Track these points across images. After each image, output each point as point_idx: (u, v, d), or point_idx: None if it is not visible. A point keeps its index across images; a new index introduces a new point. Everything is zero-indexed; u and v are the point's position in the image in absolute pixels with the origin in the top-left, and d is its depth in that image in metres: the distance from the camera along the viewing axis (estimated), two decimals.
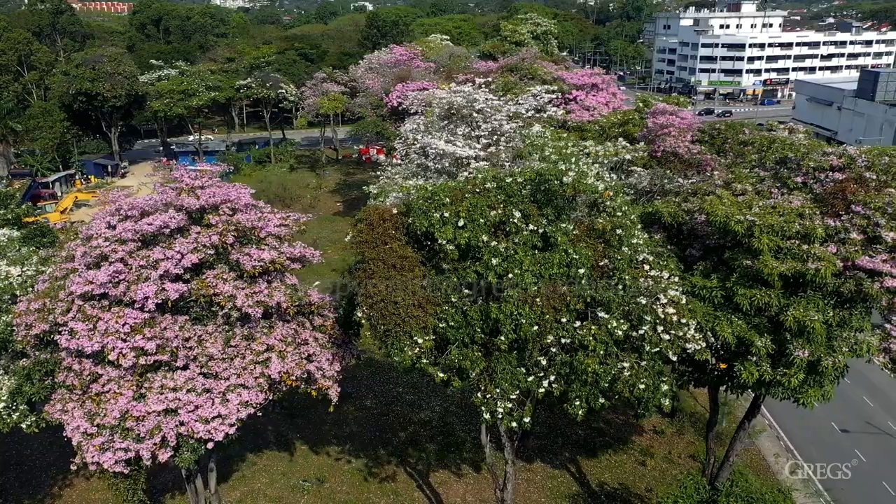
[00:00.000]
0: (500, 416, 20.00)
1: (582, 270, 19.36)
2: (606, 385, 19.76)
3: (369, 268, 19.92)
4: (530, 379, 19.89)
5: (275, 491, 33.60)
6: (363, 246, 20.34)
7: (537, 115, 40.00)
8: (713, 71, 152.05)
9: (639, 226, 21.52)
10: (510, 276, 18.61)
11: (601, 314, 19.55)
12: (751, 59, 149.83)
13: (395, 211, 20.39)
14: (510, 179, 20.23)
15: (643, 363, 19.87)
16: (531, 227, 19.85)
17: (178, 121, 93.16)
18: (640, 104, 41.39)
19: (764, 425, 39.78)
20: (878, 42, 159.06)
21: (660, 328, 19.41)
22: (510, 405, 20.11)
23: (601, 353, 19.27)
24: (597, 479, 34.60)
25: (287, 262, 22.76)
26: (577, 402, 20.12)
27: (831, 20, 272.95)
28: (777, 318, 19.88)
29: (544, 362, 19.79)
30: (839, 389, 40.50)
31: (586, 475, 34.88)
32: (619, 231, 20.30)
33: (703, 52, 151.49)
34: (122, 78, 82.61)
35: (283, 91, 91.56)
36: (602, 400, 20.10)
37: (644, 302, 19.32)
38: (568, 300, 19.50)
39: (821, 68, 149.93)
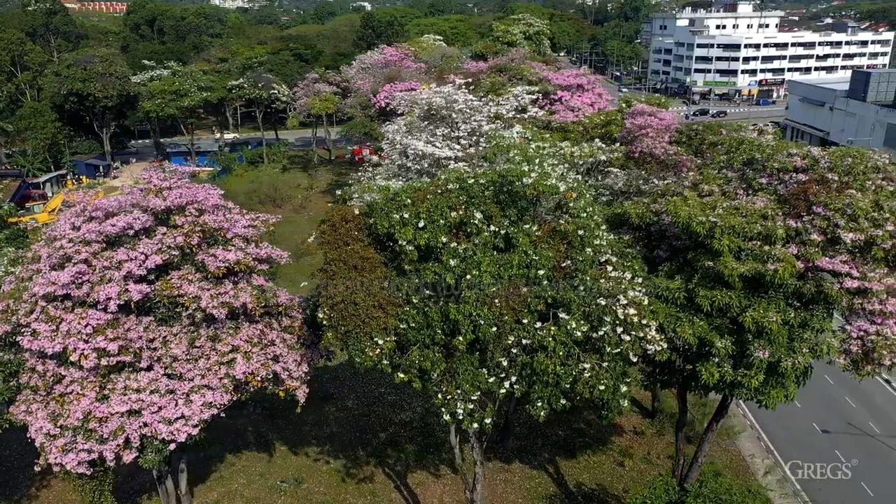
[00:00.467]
0: (460, 417, 20.01)
1: (542, 272, 19.39)
2: (568, 386, 19.80)
3: (331, 269, 19.96)
4: (491, 380, 19.92)
5: (252, 492, 33.62)
6: (326, 247, 20.39)
7: (518, 116, 40.02)
8: (708, 71, 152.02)
9: (603, 227, 21.54)
10: (468, 277, 18.64)
11: (562, 315, 19.57)
12: (746, 60, 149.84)
13: (357, 212, 20.42)
14: (472, 181, 20.26)
15: (605, 364, 19.89)
16: (492, 228, 19.90)
17: (173, 121, 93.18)
18: (623, 105, 41.39)
19: (745, 425, 39.83)
20: (873, 42, 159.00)
21: (620, 329, 19.41)
22: (471, 406, 20.13)
23: (561, 354, 19.28)
24: (575, 479, 34.61)
25: (254, 263, 22.76)
26: (539, 404, 20.14)
27: (829, 20, 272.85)
28: (738, 319, 19.90)
29: (505, 363, 19.81)
30: (822, 390, 41.06)
31: (564, 476, 34.90)
32: (580, 232, 20.33)
33: (698, 52, 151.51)
34: (114, 78, 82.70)
35: (276, 91, 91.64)
36: (563, 401, 20.12)
37: (604, 303, 19.33)
38: (528, 301, 19.55)
39: (816, 69, 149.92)
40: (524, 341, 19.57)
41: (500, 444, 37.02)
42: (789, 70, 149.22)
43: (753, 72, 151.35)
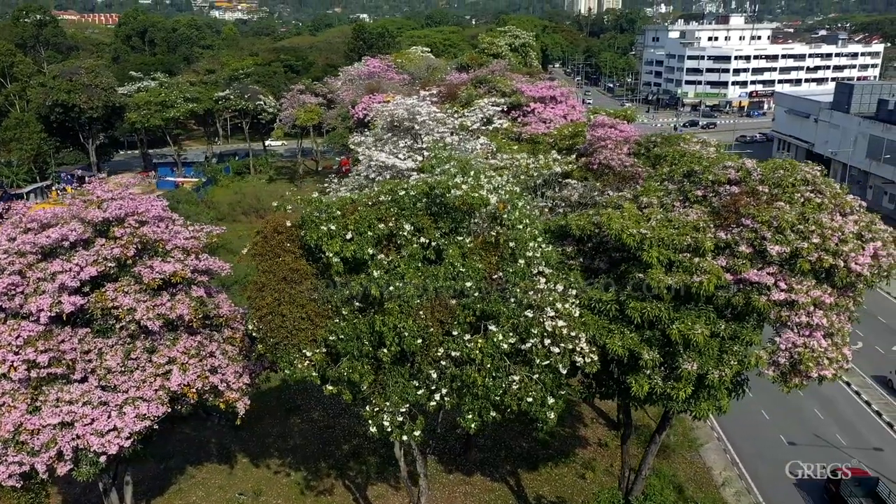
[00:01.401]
0: (388, 429, 19.98)
1: (469, 283, 19.41)
2: (498, 398, 19.79)
3: (260, 280, 20.00)
4: (420, 392, 19.89)
5: None
6: (257, 258, 20.45)
7: (484, 128, 40.21)
8: (699, 83, 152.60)
9: (539, 238, 21.54)
10: (391, 288, 18.66)
11: (491, 327, 19.59)
12: (736, 72, 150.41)
13: (288, 223, 20.48)
14: (403, 192, 20.33)
15: (535, 376, 19.88)
16: (423, 240, 19.94)
17: (163, 132, 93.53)
18: (591, 116, 41.59)
19: (711, 437, 39.75)
20: (863, 54, 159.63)
21: (548, 341, 19.42)
22: (400, 419, 20.10)
23: (489, 366, 19.27)
24: (535, 492, 34.48)
25: (193, 274, 22.79)
26: (469, 416, 20.10)
27: (823, 32, 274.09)
28: (667, 331, 19.91)
29: (434, 375, 19.79)
30: (791, 402, 40.94)
31: (525, 489, 34.77)
32: (512, 244, 20.38)
33: (689, 63, 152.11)
34: (100, 90, 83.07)
35: (262, 103, 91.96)
36: (494, 413, 20.09)
37: (531, 315, 19.35)
38: (457, 313, 19.57)
39: (807, 80, 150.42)
40: (453, 353, 19.55)
41: (462, 455, 36.93)
42: (780, 82, 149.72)
43: (744, 83, 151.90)
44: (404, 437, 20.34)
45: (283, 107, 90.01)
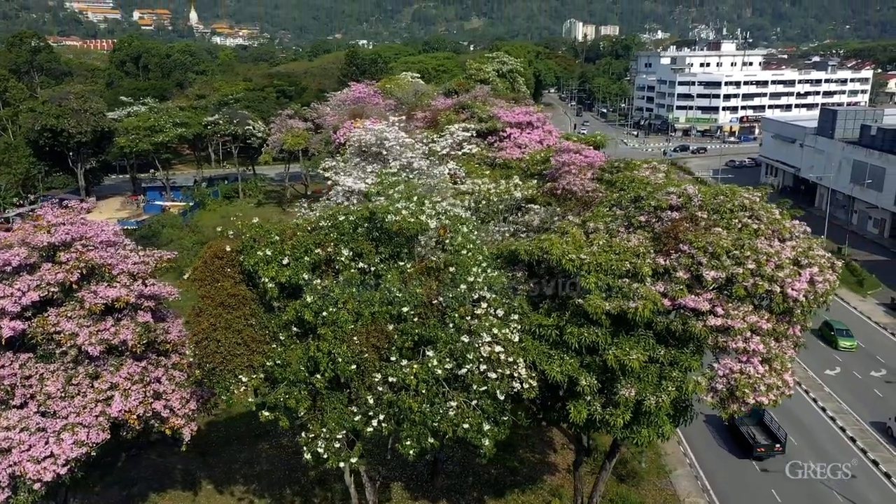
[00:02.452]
0: (324, 456, 19.83)
1: (406, 308, 19.40)
2: (436, 424, 19.65)
3: (198, 305, 19.99)
4: (357, 418, 19.78)
5: None
6: (197, 283, 20.44)
7: (453, 153, 40.44)
8: (690, 108, 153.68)
9: (483, 263, 21.56)
10: (324, 313, 18.64)
11: (428, 353, 19.53)
12: (727, 97, 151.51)
13: (228, 248, 20.52)
14: (342, 218, 20.41)
15: (473, 402, 19.78)
16: (361, 265, 19.98)
17: (151, 157, 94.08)
18: (564, 141, 41.87)
19: (683, 462, 39.40)
20: (852, 80, 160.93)
21: (484, 367, 19.35)
22: (337, 445, 19.96)
23: (424, 391, 19.18)
24: None
25: (138, 299, 22.78)
26: (408, 442, 19.95)
27: (817, 58, 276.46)
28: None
29: (371, 401, 19.68)
30: None
31: None
32: (451, 269, 20.39)
33: (680, 89, 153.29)
34: (89, 114, 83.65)
35: (251, 127, 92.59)
36: (432, 440, 19.94)
37: (467, 340, 19.30)
38: (395, 338, 19.53)
39: (797, 106, 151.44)
40: (390, 379, 19.48)
41: (429, 482, 36.57)
42: (770, 107, 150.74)
43: (734, 109, 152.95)
44: (341, 464, 20.16)
45: (271, 131, 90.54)
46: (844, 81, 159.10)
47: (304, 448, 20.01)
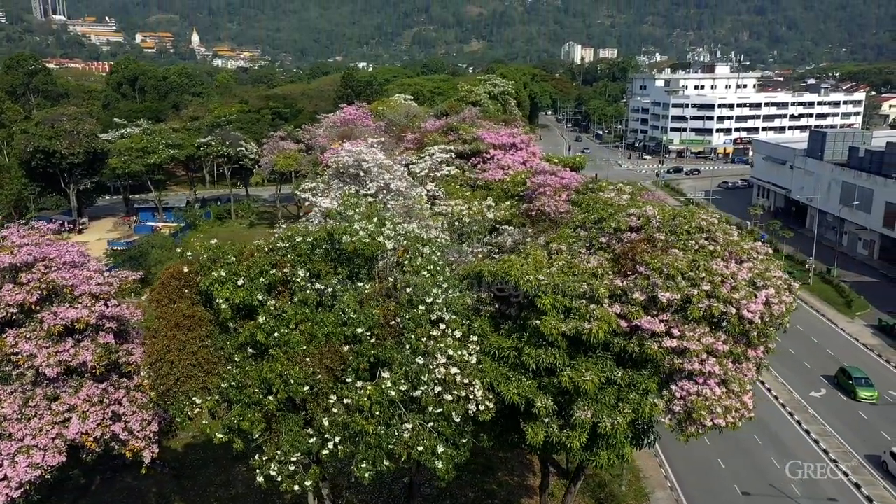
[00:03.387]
0: (278, 479, 19.65)
1: (360, 329, 19.34)
2: (391, 447, 19.50)
3: (154, 326, 19.95)
4: (312, 440, 19.62)
5: None
6: (154, 304, 20.42)
7: (431, 175, 40.58)
8: (684, 130, 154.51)
9: (444, 284, 21.53)
10: (276, 334, 18.59)
11: (384, 374, 19.44)
12: (720, 119, 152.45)
13: (186, 269, 20.52)
14: (300, 239, 20.44)
15: (429, 424, 19.64)
16: (318, 285, 19.95)
17: (143, 178, 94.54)
18: (542, 163, 42.05)
19: (663, 485, 39.04)
20: (845, 103, 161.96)
21: (438, 388, 19.24)
22: (292, 468, 19.78)
23: (378, 413, 19.05)
24: None
25: (101, 320, 22.73)
26: (364, 465, 19.76)
27: (812, 81, 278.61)
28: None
29: (326, 423, 19.54)
30: (748, 450, 40.37)
31: None
32: (409, 290, 20.36)
33: (673, 111, 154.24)
34: (81, 136, 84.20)
35: (243, 149, 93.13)
36: (387, 463, 19.77)
37: (421, 361, 19.22)
38: (350, 360, 19.45)
39: (790, 127, 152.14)
40: (346, 401, 19.36)
41: None
42: (764, 129, 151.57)
43: (728, 131, 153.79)
44: (296, 487, 19.96)
45: (263, 153, 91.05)
46: (837, 104, 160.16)
47: (257, 471, 19.82)
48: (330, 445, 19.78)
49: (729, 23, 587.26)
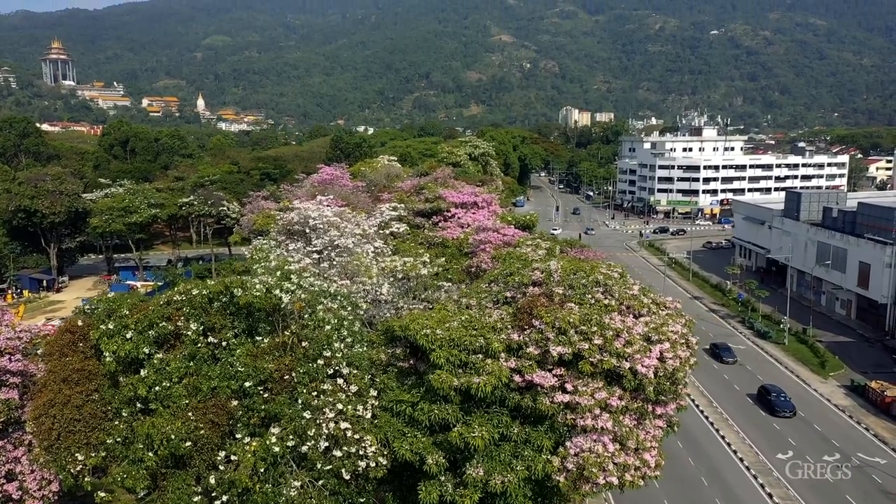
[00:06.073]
0: None
1: (249, 383, 19.08)
2: None
3: (41, 380, 19.69)
4: (196, 499, 19.09)
5: None
6: (46, 358, 20.22)
7: (380, 232, 40.80)
8: (671, 191, 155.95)
9: (348, 339, 21.36)
10: (157, 388, 18.33)
11: (273, 430, 19.07)
12: (706, 180, 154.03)
13: (80, 323, 20.40)
14: (196, 292, 20.37)
15: (319, 482, 19.15)
16: (211, 339, 19.79)
17: (124, 237, 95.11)
18: (487, 221, 42.32)
19: None
20: (830, 165, 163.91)
21: (325, 444, 18.83)
22: None
23: (262, 470, 18.59)
24: None
25: (3, 375, 22.45)
26: None
27: (803, 144, 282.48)
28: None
29: (213, 481, 19.05)
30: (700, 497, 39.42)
31: None
32: (304, 343, 20.18)
33: (660, 173, 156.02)
34: (64, 196, 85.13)
35: (225, 208, 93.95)
36: None
37: (308, 416, 18.87)
38: (238, 414, 19.12)
39: (776, 189, 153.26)
40: (232, 457, 18.94)
41: None
42: (749, 190, 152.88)
43: (714, 192, 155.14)
44: None
45: (245, 212, 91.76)
46: (822, 166, 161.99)
47: None
48: (218, 503, 19.25)
49: (723, 88, 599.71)
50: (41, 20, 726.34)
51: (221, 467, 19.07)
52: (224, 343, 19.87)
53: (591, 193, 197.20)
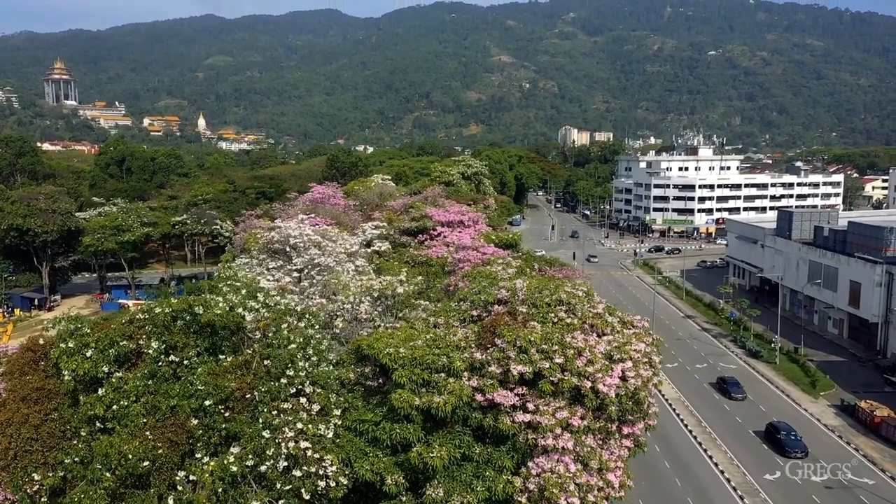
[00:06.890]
0: None
1: (209, 402, 18.97)
2: None
3: (1, 399, 19.59)
4: None
5: None
6: (5, 377, 20.13)
7: (363, 251, 40.78)
8: (666, 210, 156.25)
9: (314, 358, 21.25)
10: (115, 407, 18.22)
11: (233, 449, 18.92)
12: (702, 199, 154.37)
13: (42, 342, 20.34)
14: (158, 310, 20.32)
15: (280, 502, 18.96)
16: (172, 357, 19.71)
17: (117, 255, 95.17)
18: (467, 240, 42.32)
19: None
20: (825, 184, 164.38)
21: (284, 463, 18.68)
22: None
23: (220, 490, 18.43)
24: None
25: None
26: None
27: (799, 164, 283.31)
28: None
29: (171, 501, 18.88)
30: None
31: None
32: (267, 362, 20.09)
33: (655, 192, 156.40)
34: (57, 214, 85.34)
35: (218, 227, 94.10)
36: None
37: (268, 435, 18.73)
38: (198, 434, 18.98)
39: (771, 208, 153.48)
40: (192, 477, 18.78)
41: None
42: (745, 209, 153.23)
43: (710, 211, 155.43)
44: None
45: (237, 231, 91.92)
46: (817, 185, 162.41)
47: None
48: None
49: (721, 108, 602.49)
50: (44, 41, 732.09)
51: (180, 487, 18.91)
52: (186, 362, 19.80)
53: (588, 212, 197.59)
